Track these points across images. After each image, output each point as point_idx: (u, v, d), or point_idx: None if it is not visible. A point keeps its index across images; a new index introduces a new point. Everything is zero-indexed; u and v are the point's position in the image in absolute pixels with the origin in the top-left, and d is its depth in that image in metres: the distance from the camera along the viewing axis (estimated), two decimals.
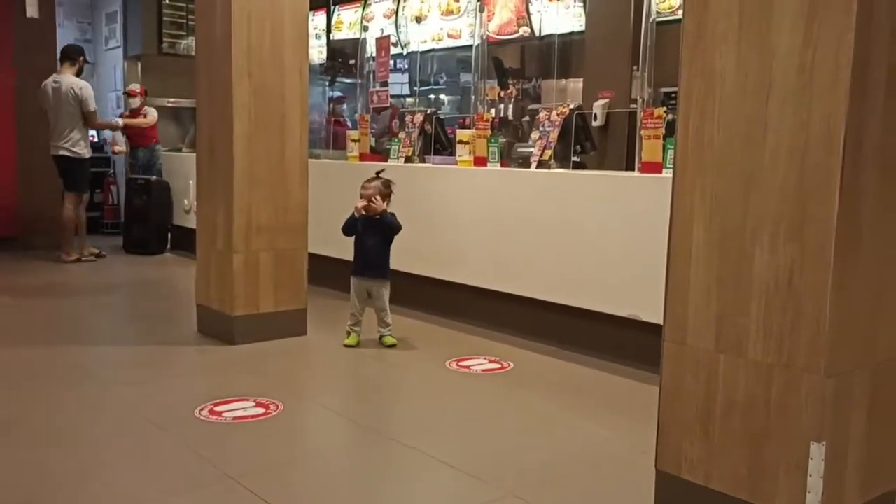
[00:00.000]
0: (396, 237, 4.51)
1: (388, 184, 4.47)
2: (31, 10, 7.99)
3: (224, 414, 3.36)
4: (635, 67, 5.40)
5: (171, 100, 9.21)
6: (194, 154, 4.96)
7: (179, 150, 8.63)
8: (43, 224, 7.99)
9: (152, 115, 8.51)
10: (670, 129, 3.97)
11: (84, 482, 2.76)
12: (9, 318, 5.29)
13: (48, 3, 8.16)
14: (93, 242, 7.84)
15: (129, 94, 8.50)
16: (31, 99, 7.84)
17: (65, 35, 9.72)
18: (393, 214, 4.45)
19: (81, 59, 7.47)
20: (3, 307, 5.59)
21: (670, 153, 3.85)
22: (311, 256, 4.82)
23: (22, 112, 7.85)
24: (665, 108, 4.24)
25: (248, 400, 3.53)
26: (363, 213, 4.40)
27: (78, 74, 7.35)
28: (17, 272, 6.93)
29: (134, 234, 8.20)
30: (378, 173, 4.53)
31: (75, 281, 6.67)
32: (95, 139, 9.99)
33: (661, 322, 2.39)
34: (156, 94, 9.05)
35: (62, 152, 7.24)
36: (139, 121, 8.39)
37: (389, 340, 4.49)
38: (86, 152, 7.37)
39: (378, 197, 4.39)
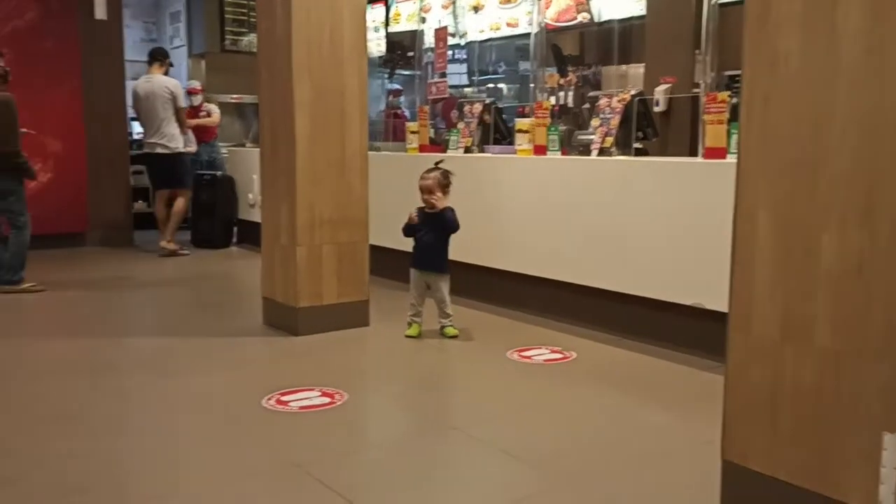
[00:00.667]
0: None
1: (446, 174, 4.48)
2: (100, 12, 8.24)
3: (290, 403, 3.43)
4: (698, 51, 5.30)
5: (235, 96, 9.41)
6: (258, 149, 5.06)
7: (243, 145, 8.80)
8: (110, 220, 8.29)
9: (216, 113, 8.70)
10: (735, 113, 3.89)
11: (147, 471, 2.85)
12: (79, 311, 5.49)
13: (115, 5, 8.40)
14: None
15: (189, 92, 8.71)
16: (98, 100, 8.12)
17: (131, 35, 10.00)
18: (452, 210, 4.46)
19: (168, 60, 7.88)
20: (73, 300, 5.81)
21: (735, 138, 3.78)
22: (373, 248, 4.87)
23: (90, 112, 8.12)
24: (729, 92, 4.15)
25: (313, 390, 3.60)
26: (424, 209, 4.43)
27: (164, 75, 7.70)
28: (86, 266, 7.18)
29: (201, 228, 8.42)
30: (437, 164, 4.55)
31: (143, 274, 6.88)
32: None
33: (726, 310, 2.36)
34: (220, 91, 9.25)
35: (158, 149, 7.58)
36: (207, 120, 8.61)
37: (451, 331, 4.52)
38: (181, 146, 7.69)
39: (438, 192, 4.40)
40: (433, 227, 4.47)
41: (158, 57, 7.77)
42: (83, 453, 2.95)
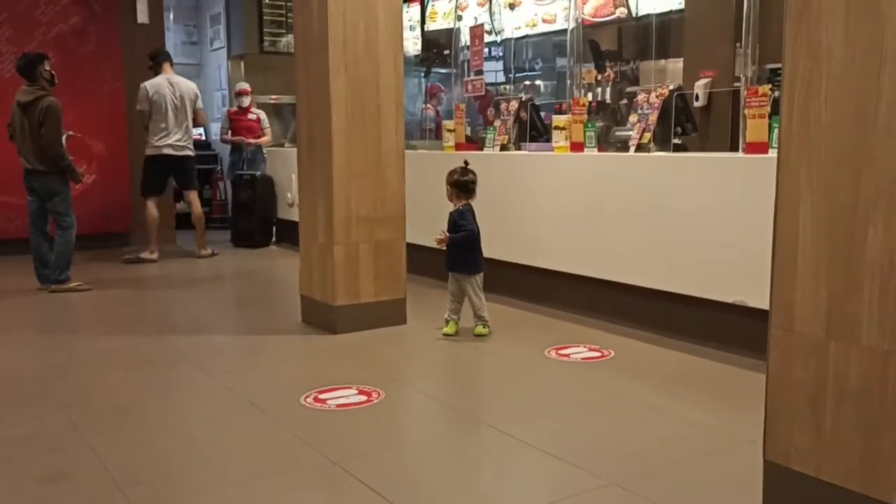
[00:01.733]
0: (491, 228, 4.50)
1: (464, 177, 4.48)
2: (142, 17, 8.38)
3: (328, 401, 3.45)
4: (738, 44, 5.21)
5: (273, 96, 9.48)
6: (296, 149, 5.10)
7: (282, 145, 8.87)
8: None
9: (266, 125, 8.79)
10: (776, 107, 3.81)
11: (193, 465, 2.90)
12: (125, 309, 5.59)
13: (157, 9, 8.53)
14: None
15: (239, 93, 8.80)
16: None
17: (172, 38, 10.15)
18: (464, 215, 4.46)
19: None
20: (119, 298, 5.91)
21: (776, 132, 3.70)
22: (410, 246, 4.88)
23: (132, 115, 8.24)
24: (770, 86, 4.08)
25: (350, 388, 3.61)
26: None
27: None
28: (131, 265, 7.28)
29: (240, 227, 8.51)
30: (466, 163, 4.56)
31: (185, 273, 6.98)
32: (203, 137, 10.42)
33: (768, 307, 2.31)
34: (258, 92, 9.34)
35: (186, 152, 7.49)
36: (264, 140, 8.68)
37: (477, 330, 4.50)
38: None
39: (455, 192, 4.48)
40: (452, 230, 4.51)
41: (168, 57, 7.60)
42: (134, 447, 3.02)
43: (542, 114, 6.20)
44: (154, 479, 2.74)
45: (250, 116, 8.74)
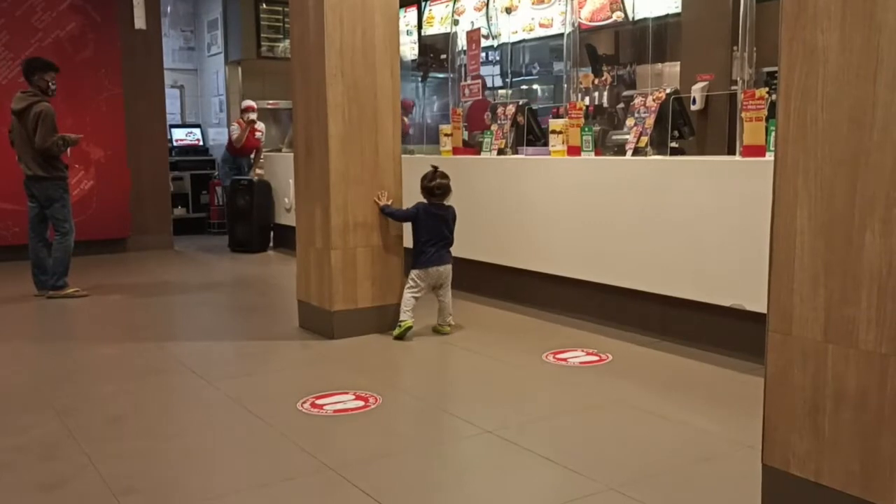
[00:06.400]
0: (487, 232, 4.49)
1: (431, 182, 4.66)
2: (140, 23, 8.39)
3: (325, 407, 3.44)
4: (735, 48, 5.21)
5: (271, 102, 9.49)
6: (293, 154, 5.09)
7: (279, 150, 8.87)
8: (151, 226, 8.42)
9: (262, 134, 8.81)
10: (773, 110, 3.81)
11: (189, 472, 2.89)
12: (122, 315, 5.58)
13: (154, 15, 8.54)
14: (199, 242, 8.16)
15: (245, 110, 8.79)
16: (139, 107, 8.26)
17: (169, 44, 10.15)
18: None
19: None
20: (116, 305, 5.90)
21: (773, 135, 3.70)
22: (407, 251, 4.86)
23: (131, 120, 8.25)
24: (767, 89, 4.08)
25: (347, 393, 3.60)
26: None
27: None
28: (128, 271, 7.29)
29: (238, 233, 8.50)
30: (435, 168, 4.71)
31: (182, 279, 6.97)
32: (200, 142, 10.41)
33: (765, 311, 2.30)
34: (256, 97, 9.35)
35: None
36: (260, 166, 8.66)
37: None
38: None
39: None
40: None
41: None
42: (130, 455, 3.00)
43: (540, 118, 6.20)
44: (150, 488, 2.72)
45: (257, 135, 8.77)
